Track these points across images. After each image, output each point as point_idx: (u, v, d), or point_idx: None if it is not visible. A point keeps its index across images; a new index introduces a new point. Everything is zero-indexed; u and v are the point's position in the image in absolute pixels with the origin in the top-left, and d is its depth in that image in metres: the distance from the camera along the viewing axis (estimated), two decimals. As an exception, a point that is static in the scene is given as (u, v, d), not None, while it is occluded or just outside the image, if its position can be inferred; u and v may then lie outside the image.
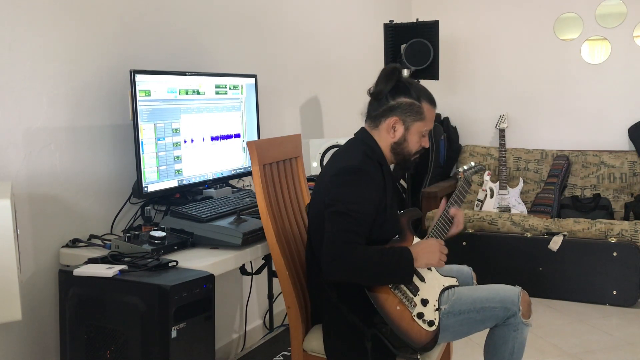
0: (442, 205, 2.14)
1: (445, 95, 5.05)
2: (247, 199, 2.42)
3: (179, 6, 2.66)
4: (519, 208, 4.44)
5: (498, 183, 4.53)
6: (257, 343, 2.85)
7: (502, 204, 4.45)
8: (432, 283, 1.96)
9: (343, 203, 1.80)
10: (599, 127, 4.68)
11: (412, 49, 3.85)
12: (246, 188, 2.82)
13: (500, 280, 3.90)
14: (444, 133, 4.81)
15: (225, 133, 2.63)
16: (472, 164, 2.30)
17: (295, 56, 3.56)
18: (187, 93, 2.41)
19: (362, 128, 2.05)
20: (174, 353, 1.68)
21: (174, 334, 1.68)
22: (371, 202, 1.85)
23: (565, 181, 4.56)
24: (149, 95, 2.22)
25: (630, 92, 4.57)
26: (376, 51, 4.39)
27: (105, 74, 2.29)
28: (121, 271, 1.77)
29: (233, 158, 2.69)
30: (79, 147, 2.21)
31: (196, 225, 2.09)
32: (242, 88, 2.73)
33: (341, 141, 3.30)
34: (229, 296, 3.03)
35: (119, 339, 1.73)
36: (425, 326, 1.85)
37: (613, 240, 3.68)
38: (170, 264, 1.85)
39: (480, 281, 3.86)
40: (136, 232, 2.02)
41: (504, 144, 4.65)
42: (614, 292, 3.69)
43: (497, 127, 4.73)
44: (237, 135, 2.71)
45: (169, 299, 1.66)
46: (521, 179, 4.64)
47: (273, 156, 2.16)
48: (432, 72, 3.92)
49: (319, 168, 3.32)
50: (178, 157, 2.37)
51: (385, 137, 1.99)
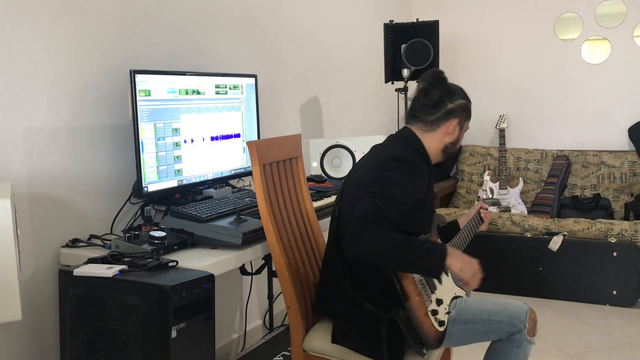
0: (477, 206, 2.28)
1: (445, 95, 5.04)
2: (247, 199, 2.42)
3: (179, 6, 2.66)
4: (519, 208, 4.44)
5: (498, 183, 4.53)
6: (257, 343, 2.85)
7: (502, 204, 4.45)
8: (447, 287, 1.98)
9: (383, 185, 1.76)
10: (599, 127, 4.68)
11: (412, 49, 3.85)
12: (246, 188, 2.82)
13: (500, 280, 3.91)
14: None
15: (225, 133, 2.63)
16: (490, 196, 2.46)
17: (295, 56, 3.56)
18: (187, 93, 2.41)
19: (407, 128, 2.02)
20: (174, 353, 1.68)
21: (174, 334, 1.68)
22: (413, 194, 1.82)
23: (565, 181, 4.56)
24: (149, 95, 2.22)
25: (630, 92, 4.57)
26: (376, 51, 4.39)
27: (105, 74, 2.29)
28: (121, 271, 1.77)
29: (233, 158, 2.69)
30: (79, 147, 2.21)
31: (196, 225, 2.09)
32: (242, 88, 2.73)
33: (341, 141, 3.30)
34: (229, 296, 3.03)
35: (119, 339, 1.73)
36: (436, 324, 1.86)
37: (613, 240, 3.68)
38: (170, 264, 1.85)
39: (480, 281, 3.86)
40: (136, 232, 2.02)
41: (504, 144, 4.65)
42: (614, 292, 3.69)
43: (497, 127, 4.73)
44: (237, 135, 2.71)
45: (169, 299, 1.66)
46: (521, 179, 4.64)
47: (273, 156, 2.16)
48: (432, 72, 3.92)
49: (319, 168, 3.32)
50: (178, 157, 2.37)
51: (440, 139, 1.99)
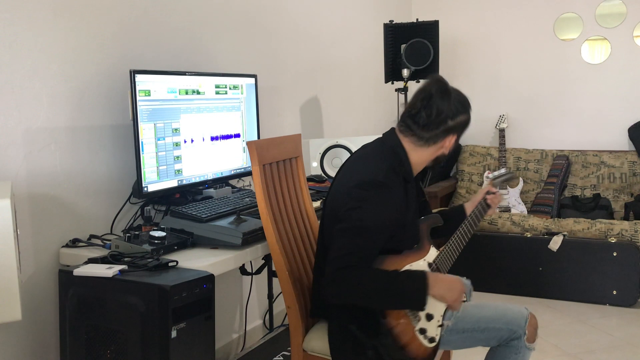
0: (483, 191, 2.13)
1: (445, 95, 5.04)
2: (247, 199, 2.42)
3: (179, 6, 2.66)
4: (519, 208, 4.44)
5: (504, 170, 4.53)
6: (257, 343, 2.85)
7: (502, 204, 4.45)
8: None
9: (355, 220, 1.71)
10: (599, 127, 4.68)
11: (412, 49, 3.85)
12: (246, 188, 2.82)
13: (500, 280, 3.91)
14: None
15: (225, 133, 2.63)
16: (503, 171, 2.27)
17: (295, 56, 3.56)
18: (187, 93, 2.41)
19: (393, 132, 1.92)
20: (174, 353, 1.68)
21: (174, 334, 1.68)
22: (388, 220, 1.76)
23: (565, 181, 4.56)
24: (149, 95, 2.22)
25: (630, 92, 4.57)
26: (376, 51, 4.39)
27: (105, 74, 2.29)
28: (121, 271, 1.77)
29: (233, 158, 2.69)
30: (79, 147, 2.21)
31: (196, 225, 2.09)
32: (242, 88, 2.73)
33: (341, 141, 3.30)
34: (229, 296, 3.03)
35: (119, 339, 1.73)
36: (425, 342, 1.82)
37: (613, 240, 3.68)
38: (170, 264, 1.85)
39: (480, 281, 3.87)
40: (136, 232, 2.02)
41: (504, 144, 4.65)
42: (614, 292, 3.69)
43: (497, 127, 4.73)
44: (237, 135, 2.71)
45: (169, 299, 1.66)
46: (521, 179, 4.64)
47: (273, 156, 2.16)
48: (432, 72, 3.92)
49: (319, 168, 3.32)
50: (178, 157, 2.37)
51: (434, 152, 1.90)
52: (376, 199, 1.74)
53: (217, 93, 2.58)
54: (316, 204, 2.51)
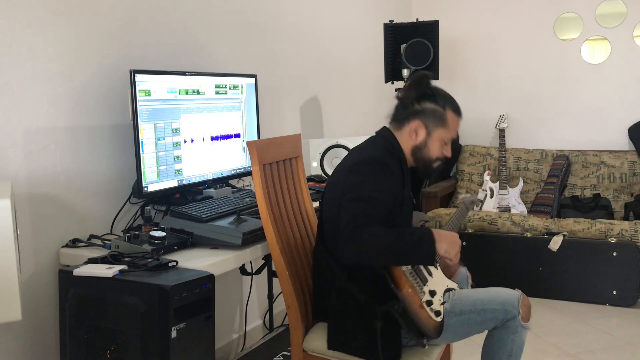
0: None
1: (445, 95, 5.05)
2: (247, 199, 2.42)
3: (179, 6, 2.66)
4: (519, 208, 4.43)
5: (498, 183, 4.53)
6: (257, 343, 2.85)
7: (502, 204, 4.45)
8: (438, 279, 2.00)
9: (360, 189, 1.81)
10: (599, 127, 4.68)
11: (412, 49, 3.85)
12: (246, 188, 2.82)
13: (500, 280, 3.91)
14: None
15: (225, 133, 2.63)
16: (468, 196, 2.42)
17: (295, 56, 3.56)
18: (187, 93, 2.41)
19: (385, 127, 2.08)
20: (174, 353, 1.68)
21: (174, 334, 1.68)
22: (389, 193, 1.86)
23: (565, 181, 4.56)
24: (149, 95, 2.22)
25: (630, 92, 4.57)
26: (376, 51, 4.39)
27: (105, 74, 2.29)
28: (121, 271, 1.77)
29: (233, 158, 2.69)
30: (79, 147, 2.21)
31: (196, 225, 2.09)
32: (242, 88, 2.73)
33: (341, 141, 3.30)
34: (229, 296, 3.03)
35: (119, 339, 1.73)
36: (432, 315, 1.88)
37: (613, 240, 3.68)
38: (170, 264, 1.85)
39: (480, 281, 3.87)
40: (136, 232, 2.02)
41: (504, 144, 4.65)
42: (614, 292, 3.69)
43: (497, 127, 4.73)
44: (237, 135, 2.71)
45: (169, 299, 1.66)
46: (521, 179, 4.64)
47: (273, 156, 2.16)
48: (432, 72, 3.91)
49: (319, 168, 3.32)
50: (178, 157, 2.37)
51: (407, 140, 2.02)
52: (376, 173, 1.86)
53: (217, 93, 2.58)
54: (316, 204, 2.51)
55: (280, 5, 3.39)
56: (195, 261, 1.91)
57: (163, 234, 1.99)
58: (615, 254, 3.65)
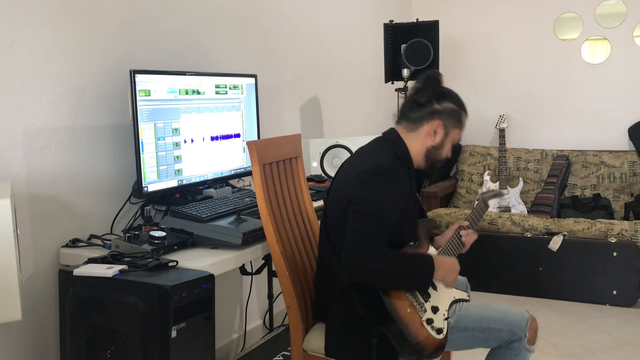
0: (455, 225, 2.13)
1: (445, 95, 5.04)
2: (247, 199, 2.42)
3: (179, 6, 2.66)
4: (519, 208, 4.43)
5: (498, 183, 4.53)
6: (257, 343, 2.85)
7: (502, 204, 4.45)
8: (444, 292, 1.95)
9: (369, 203, 1.78)
10: (599, 127, 4.68)
11: (412, 49, 3.85)
12: (246, 188, 2.82)
13: (500, 280, 3.91)
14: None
15: (225, 133, 2.63)
16: (492, 187, 2.27)
17: (295, 56, 3.56)
18: (187, 93, 2.41)
19: (392, 129, 2.01)
20: (174, 353, 1.68)
21: (174, 334, 1.68)
22: (397, 204, 1.84)
23: (565, 181, 4.56)
24: (149, 95, 2.22)
25: (630, 92, 4.57)
26: (376, 51, 4.39)
27: (105, 74, 2.29)
28: (121, 271, 1.77)
29: (233, 158, 2.69)
30: (79, 147, 2.21)
31: (196, 225, 2.09)
32: (242, 88, 2.73)
33: (341, 141, 3.30)
34: (229, 296, 3.03)
35: (119, 339, 1.73)
36: (433, 333, 1.83)
37: (613, 240, 3.68)
38: (170, 264, 1.85)
39: (480, 281, 3.87)
40: (136, 232, 2.02)
41: (504, 144, 4.65)
42: (614, 292, 3.69)
43: (497, 127, 4.73)
44: (237, 135, 2.71)
45: (169, 299, 1.66)
46: (521, 179, 4.64)
47: (273, 156, 2.16)
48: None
49: (319, 168, 3.32)
50: (178, 157, 2.37)
51: (423, 141, 1.96)
52: (386, 184, 1.83)
53: (217, 93, 2.58)
54: (316, 204, 2.51)
55: (280, 5, 3.39)
56: (195, 261, 1.91)
57: (163, 234, 1.99)
58: (615, 254, 3.65)
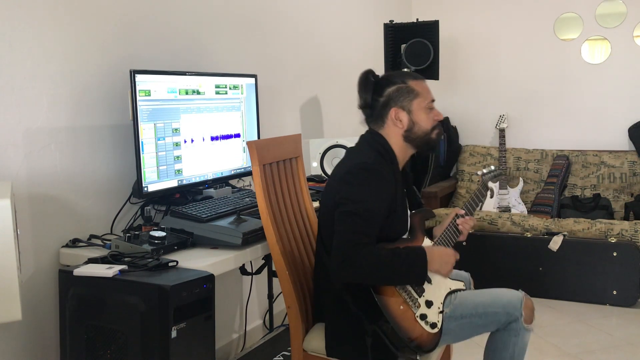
0: (452, 214, 2.12)
1: (445, 95, 5.05)
2: (247, 199, 2.42)
3: (179, 6, 2.66)
4: (519, 208, 4.44)
5: (498, 183, 4.53)
6: (257, 343, 2.85)
7: (502, 204, 4.45)
8: (439, 285, 1.95)
9: (354, 202, 1.79)
10: (599, 127, 4.68)
11: (412, 49, 3.85)
12: (246, 188, 2.81)
13: (500, 280, 3.91)
14: (444, 133, 4.82)
15: (225, 133, 2.63)
16: (492, 167, 2.24)
17: (295, 56, 3.56)
18: (187, 93, 2.41)
19: (369, 130, 2.04)
20: (174, 353, 1.68)
21: (174, 334, 1.68)
22: (383, 201, 1.84)
23: (565, 181, 4.56)
24: (149, 95, 2.22)
25: (630, 92, 4.57)
26: (376, 51, 4.39)
27: (105, 74, 2.29)
28: (121, 271, 1.77)
29: (233, 158, 2.69)
30: (79, 147, 2.21)
31: (196, 225, 2.09)
32: (242, 88, 2.73)
33: (341, 141, 3.30)
34: (229, 296, 3.03)
35: (119, 339, 1.73)
36: (427, 328, 1.85)
37: (613, 240, 3.68)
38: (170, 264, 1.85)
39: (480, 281, 3.87)
40: (136, 232, 2.02)
41: (504, 144, 4.65)
42: (614, 292, 3.69)
43: (497, 127, 4.73)
44: (237, 135, 2.71)
45: (169, 299, 1.66)
46: (521, 179, 4.64)
47: (273, 156, 2.16)
48: (432, 72, 3.92)
49: (319, 168, 3.32)
50: (178, 157, 2.37)
51: (395, 132, 1.98)
52: (369, 181, 1.84)
53: (217, 93, 2.58)
54: (316, 204, 2.51)
55: (280, 5, 3.39)
56: (195, 261, 1.91)
57: (163, 234, 1.99)
58: (615, 254, 3.65)
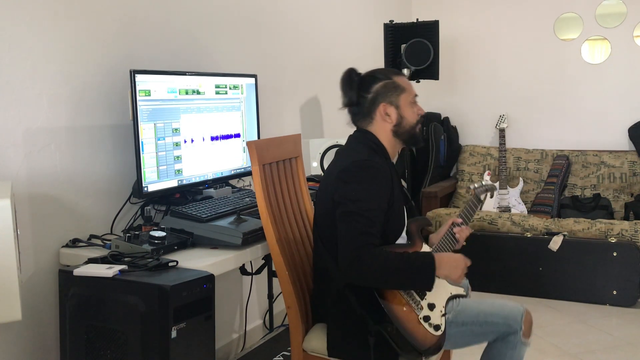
0: (449, 222, 2.12)
1: (445, 95, 5.05)
2: (247, 199, 2.42)
3: (179, 6, 2.66)
4: (519, 208, 4.44)
5: (498, 183, 4.53)
6: (257, 343, 2.85)
7: (502, 204, 4.45)
8: (440, 289, 1.95)
9: (353, 201, 1.79)
10: (599, 127, 4.68)
11: (412, 49, 3.85)
12: (246, 188, 2.81)
13: (500, 280, 3.91)
14: (444, 133, 4.82)
15: (225, 133, 2.63)
16: (483, 183, 2.24)
17: (295, 56, 3.56)
18: (187, 93, 2.41)
19: (358, 129, 2.04)
20: (174, 353, 1.68)
21: (174, 334, 1.68)
22: (382, 197, 1.84)
23: (565, 181, 4.56)
24: (149, 95, 2.22)
25: (630, 92, 4.57)
26: (376, 51, 4.39)
27: (105, 74, 2.29)
28: (121, 271, 1.77)
29: (233, 158, 2.69)
30: (79, 147, 2.21)
31: (196, 225, 2.09)
32: (242, 88, 2.73)
33: (341, 141, 3.30)
34: (229, 296, 3.03)
35: (119, 339, 1.73)
36: (431, 330, 1.84)
37: (613, 240, 3.68)
38: (170, 264, 1.85)
39: (480, 281, 3.87)
40: (136, 232, 2.02)
41: (504, 144, 4.65)
42: (614, 292, 3.69)
43: (497, 127, 4.73)
44: (237, 135, 2.71)
45: (169, 299, 1.66)
46: (521, 179, 4.64)
47: (273, 156, 2.16)
48: (432, 72, 3.92)
49: (319, 168, 3.32)
50: (178, 157, 2.37)
51: (383, 126, 1.99)
52: (366, 178, 1.83)
53: (217, 93, 2.58)
54: (316, 204, 2.51)
55: (280, 5, 3.39)
56: (195, 261, 1.91)
57: (163, 234, 1.99)
58: (615, 254, 3.65)
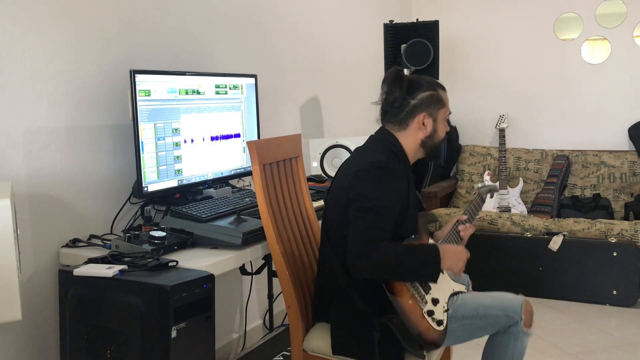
0: (454, 219, 2.15)
1: (445, 95, 5.05)
2: (247, 199, 2.42)
3: (179, 6, 2.66)
4: (519, 208, 4.43)
5: (498, 183, 4.53)
6: (257, 343, 2.85)
7: (502, 204, 4.45)
8: (443, 285, 1.97)
9: (369, 198, 1.80)
10: (599, 127, 4.68)
11: (412, 49, 3.85)
12: (246, 188, 2.82)
13: (500, 280, 3.91)
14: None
15: (225, 133, 2.63)
16: (486, 183, 2.28)
17: (295, 56, 3.56)
18: (187, 93, 2.41)
19: (383, 128, 2.04)
20: (174, 353, 1.68)
21: (174, 334, 1.68)
22: (397, 199, 1.85)
23: (565, 181, 4.55)
24: (149, 95, 2.22)
25: (630, 92, 4.57)
26: (376, 51, 4.39)
27: (105, 74, 2.29)
28: (121, 271, 1.77)
29: (233, 158, 2.69)
30: (79, 147, 2.21)
31: (196, 225, 2.09)
32: (242, 88, 2.73)
33: (341, 141, 3.30)
34: (229, 296, 3.03)
35: (119, 339, 1.73)
36: (434, 324, 1.86)
37: (613, 240, 3.68)
38: (170, 264, 1.85)
39: (480, 281, 3.87)
40: (136, 232, 2.02)
41: (504, 144, 4.65)
42: (614, 292, 3.69)
43: (497, 127, 4.73)
44: (237, 135, 2.71)
45: (169, 299, 1.66)
46: (521, 179, 4.64)
47: (273, 156, 2.16)
48: (432, 72, 3.91)
49: (319, 168, 3.32)
50: (178, 157, 2.37)
51: (414, 135, 1.99)
52: (384, 179, 1.84)
53: (217, 93, 2.58)
54: (316, 204, 2.51)
55: (280, 5, 3.39)
56: (195, 261, 1.91)
57: (163, 234, 1.99)
58: (615, 254, 3.65)
